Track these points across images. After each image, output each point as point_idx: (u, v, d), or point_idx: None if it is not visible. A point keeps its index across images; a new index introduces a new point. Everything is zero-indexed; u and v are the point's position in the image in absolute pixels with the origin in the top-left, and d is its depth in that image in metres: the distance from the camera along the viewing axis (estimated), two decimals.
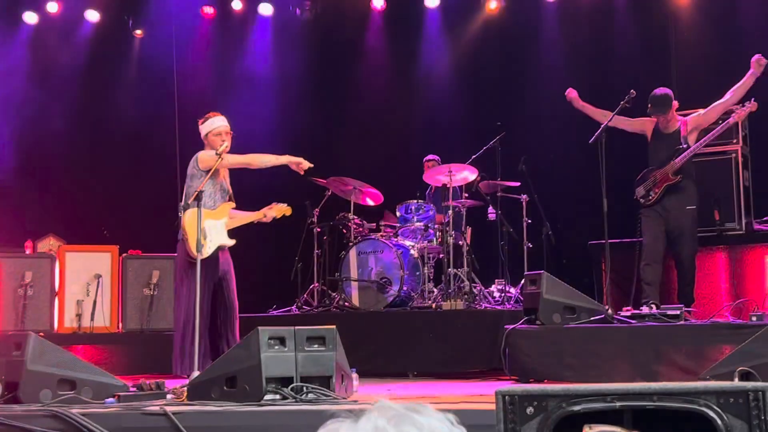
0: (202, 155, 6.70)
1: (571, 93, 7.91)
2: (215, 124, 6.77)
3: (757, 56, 7.20)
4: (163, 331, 8.37)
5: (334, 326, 5.21)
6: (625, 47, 10.00)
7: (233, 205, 6.86)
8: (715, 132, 7.30)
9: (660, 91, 7.48)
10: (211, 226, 6.60)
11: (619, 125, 7.63)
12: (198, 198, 6.13)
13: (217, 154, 6.51)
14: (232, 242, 6.80)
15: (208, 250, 6.53)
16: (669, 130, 7.52)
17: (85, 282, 8.53)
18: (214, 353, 6.67)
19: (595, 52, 10.23)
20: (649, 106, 7.45)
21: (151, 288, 8.55)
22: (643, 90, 7.45)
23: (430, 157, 9.65)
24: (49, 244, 9.09)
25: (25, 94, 10.60)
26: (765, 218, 8.07)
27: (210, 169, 6.52)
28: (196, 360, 6.06)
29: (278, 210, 7.00)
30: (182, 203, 6.43)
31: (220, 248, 6.73)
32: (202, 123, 6.82)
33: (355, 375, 5.76)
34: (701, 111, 7.54)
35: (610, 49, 10.13)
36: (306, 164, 6.86)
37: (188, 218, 6.47)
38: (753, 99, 7.27)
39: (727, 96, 7.34)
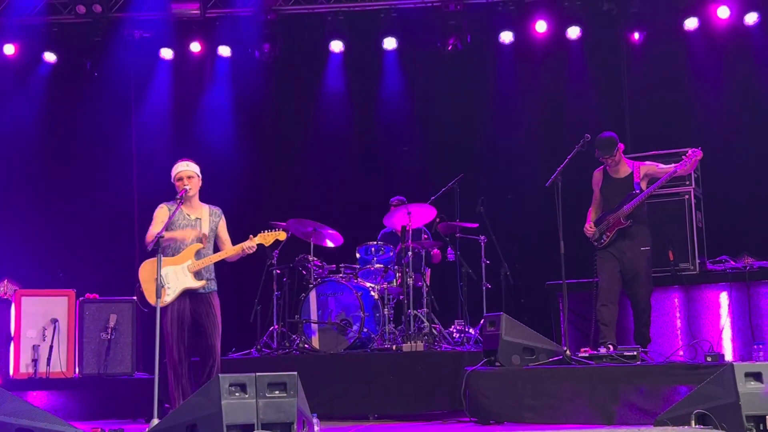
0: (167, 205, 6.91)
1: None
2: (176, 170, 6.92)
3: (691, 152, 7.34)
4: (120, 376, 8.31)
5: (295, 372, 5.20)
6: (579, 91, 10.18)
7: (200, 246, 6.82)
8: (663, 179, 7.43)
9: (605, 134, 7.63)
10: (169, 273, 6.63)
11: (595, 202, 7.77)
12: (158, 245, 6.27)
13: (178, 198, 6.73)
14: (198, 284, 6.77)
15: (167, 298, 6.58)
16: (619, 175, 7.65)
17: (41, 326, 8.44)
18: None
19: (550, 95, 10.41)
20: (596, 150, 7.58)
21: (108, 332, 8.47)
22: (597, 133, 7.59)
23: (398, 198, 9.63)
24: (4, 287, 8.96)
25: None
26: (718, 258, 8.22)
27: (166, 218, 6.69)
28: (155, 406, 6.06)
29: (261, 237, 6.91)
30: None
31: (187, 292, 6.74)
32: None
33: (316, 420, 5.75)
34: (656, 164, 7.65)
35: (564, 93, 10.31)
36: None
37: (144, 268, 6.67)
38: (700, 148, 7.41)
39: (677, 167, 7.41)
